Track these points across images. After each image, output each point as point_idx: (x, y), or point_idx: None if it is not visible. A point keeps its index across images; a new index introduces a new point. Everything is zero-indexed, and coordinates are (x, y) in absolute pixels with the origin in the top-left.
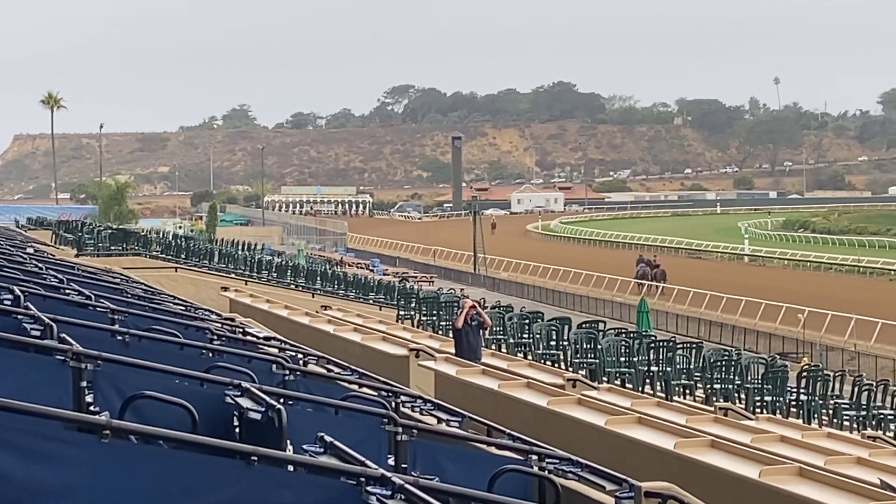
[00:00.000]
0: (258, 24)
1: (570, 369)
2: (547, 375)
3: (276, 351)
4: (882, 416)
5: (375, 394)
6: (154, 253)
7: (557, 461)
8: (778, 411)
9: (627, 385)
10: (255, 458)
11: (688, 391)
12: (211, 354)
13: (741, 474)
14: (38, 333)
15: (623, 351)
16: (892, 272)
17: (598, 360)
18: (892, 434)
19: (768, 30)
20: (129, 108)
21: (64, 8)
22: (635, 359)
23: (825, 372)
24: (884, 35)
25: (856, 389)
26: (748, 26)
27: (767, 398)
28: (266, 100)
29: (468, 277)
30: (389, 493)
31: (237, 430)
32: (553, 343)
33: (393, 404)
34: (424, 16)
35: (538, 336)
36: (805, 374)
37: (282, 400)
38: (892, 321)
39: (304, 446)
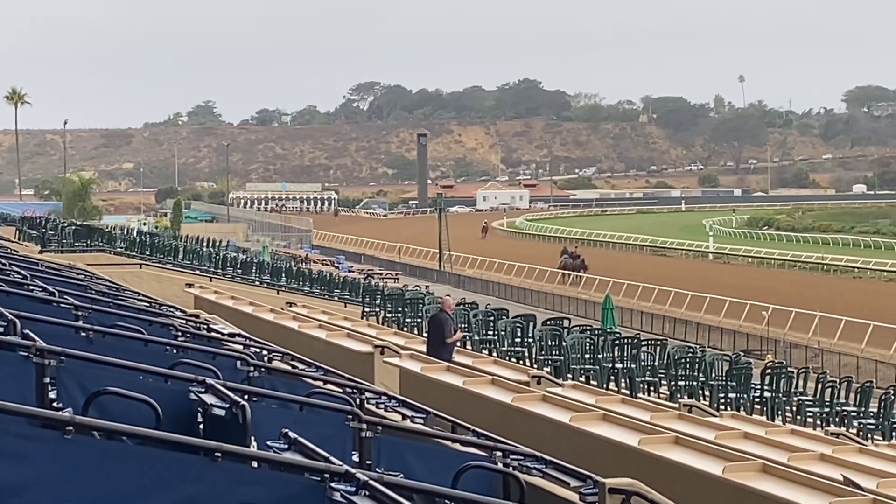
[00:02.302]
0: (223, 20)
1: (535, 366)
2: (512, 372)
3: (240, 347)
4: (845, 413)
5: (340, 390)
6: (118, 249)
7: (522, 458)
8: (742, 408)
9: (592, 382)
10: (219, 455)
11: (652, 388)
12: (175, 351)
13: (705, 471)
14: (1, 330)
15: (588, 348)
16: (856, 270)
17: (562, 357)
18: (854, 431)
19: (733, 28)
20: (94, 105)
21: (29, 4)
22: (600, 356)
23: (789, 369)
24: (848, 34)
25: (819, 386)
26: (713, 24)
27: (731, 395)
28: (231, 96)
29: (433, 274)
30: (353, 489)
31: (201, 426)
32: (518, 340)
33: (357, 401)
34: (390, 13)
35: (503, 333)
36: (769, 371)
37: (246, 396)
38: (856, 318)
39: (269, 443)
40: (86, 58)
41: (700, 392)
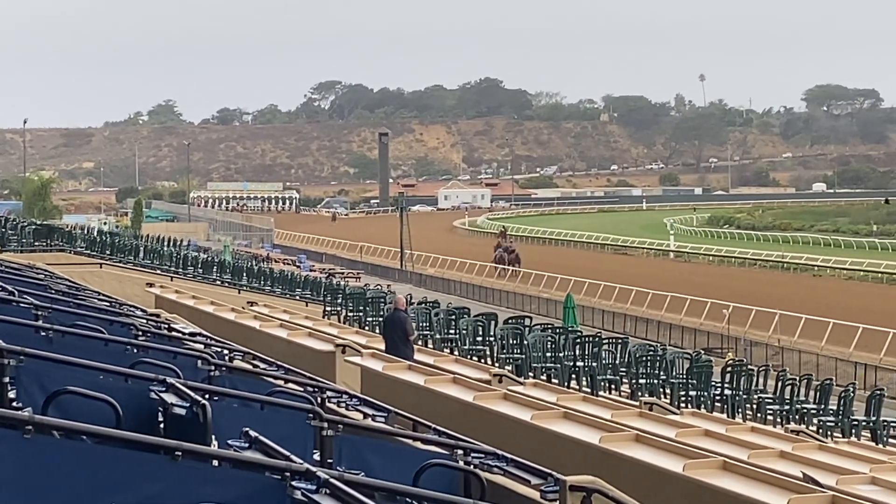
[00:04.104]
0: (184, 19)
1: (497, 365)
2: (473, 371)
3: (201, 347)
4: (805, 411)
5: (301, 389)
6: (79, 249)
7: (483, 455)
8: (702, 406)
9: (553, 380)
10: (180, 454)
11: (613, 386)
12: (136, 350)
13: (665, 468)
14: None
15: (549, 346)
16: (816, 268)
17: (524, 356)
18: (814, 428)
19: (694, 27)
20: (54, 104)
21: None
22: (561, 354)
23: (749, 367)
24: (808, 33)
25: (779, 384)
26: (674, 24)
27: (692, 393)
28: (192, 95)
29: (395, 274)
30: (314, 487)
31: (162, 425)
32: (479, 339)
33: (319, 399)
34: (351, 12)
35: (464, 332)
36: (729, 369)
37: (207, 395)
38: (816, 316)
39: (230, 441)
40: (45, 57)
41: (661, 390)
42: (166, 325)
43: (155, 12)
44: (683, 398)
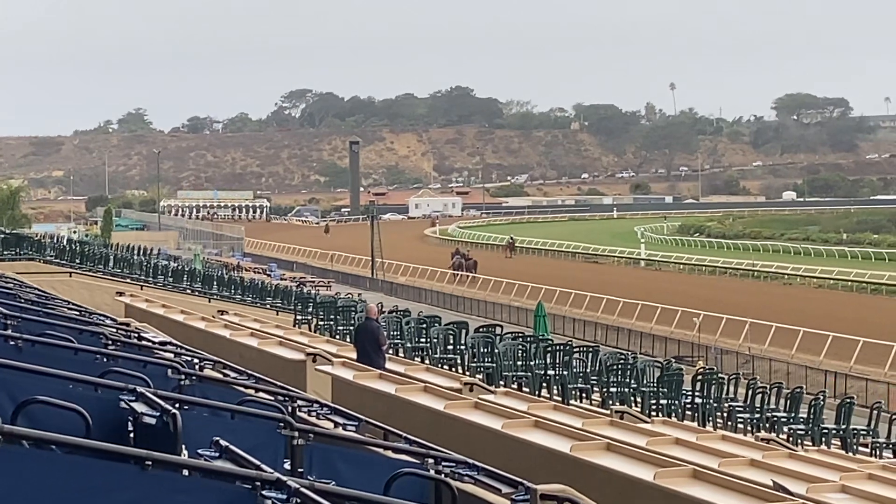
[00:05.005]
0: (154, 27)
1: (468, 373)
2: (444, 379)
3: (171, 356)
4: (775, 419)
5: (272, 398)
6: (48, 258)
7: (454, 464)
8: (673, 414)
9: (524, 389)
10: (150, 463)
11: (584, 395)
12: (105, 359)
13: (636, 476)
14: None
15: (520, 355)
16: (786, 276)
17: (494, 364)
18: (784, 436)
19: (664, 36)
20: (23, 112)
21: None
22: (532, 363)
23: (720, 375)
24: (777, 42)
25: (750, 392)
26: (644, 32)
27: (663, 401)
28: (162, 104)
29: (366, 282)
30: (285, 496)
31: (132, 434)
32: (450, 347)
33: (289, 409)
34: (322, 20)
35: (435, 340)
36: (700, 377)
37: (177, 405)
38: (786, 325)
39: (200, 451)
40: (15, 64)
41: (632, 398)
42: (136, 335)
43: (125, 21)
44: (654, 407)
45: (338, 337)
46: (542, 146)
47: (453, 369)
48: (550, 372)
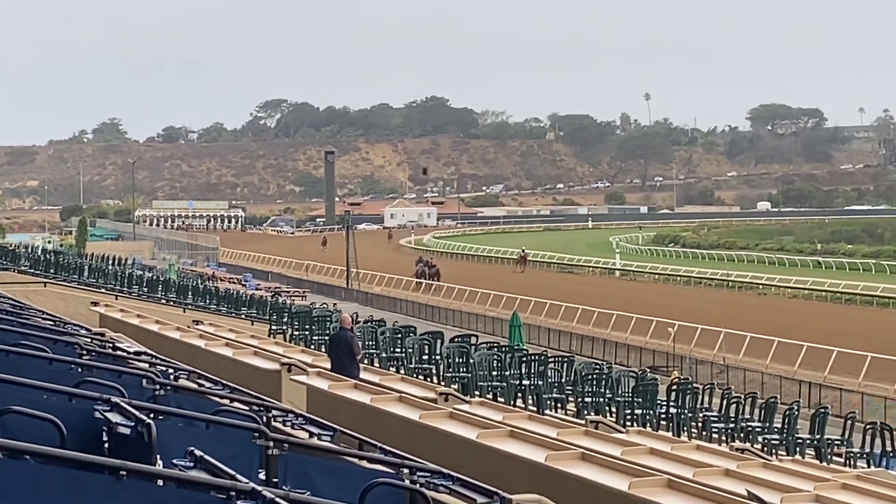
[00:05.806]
0: (128, 36)
1: (443, 383)
2: (419, 389)
3: (146, 366)
4: (750, 429)
5: (247, 408)
6: (22, 268)
7: (429, 475)
8: (648, 424)
9: (499, 399)
10: (124, 473)
11: (559, 405)
12: (80, 369)
13: (611, 486)
14: None
15: (495, 365)
16: (760, 286)
17: (470, 374)
18: (759, 446)
19: (639, 46)
20: None
21: None
22: (507, 373)
23: (694, 385)
24: (752, 52)
25: (724, 402)
26: (619, 43)
27: (638, 411)
28: (137, 113)
29: (341, 292)
30: None
31: (106, 445)
32: (426, 357)
33: (264, 419)
34: (297, 30)
35: (411, 350)
36: (675, 387)
37: (152, 415)
38: (760, 335)
39: (175, 461)
40: None
41: (607, 408)
42: (111, 345)
43: (100, 30)
44: (629, 416)
45: (313, 347)
46: (517, 156)
47: (428, 379)
48: (526, 382)
